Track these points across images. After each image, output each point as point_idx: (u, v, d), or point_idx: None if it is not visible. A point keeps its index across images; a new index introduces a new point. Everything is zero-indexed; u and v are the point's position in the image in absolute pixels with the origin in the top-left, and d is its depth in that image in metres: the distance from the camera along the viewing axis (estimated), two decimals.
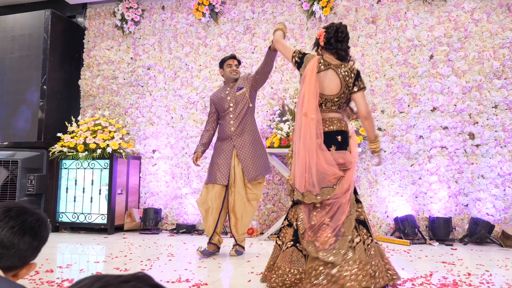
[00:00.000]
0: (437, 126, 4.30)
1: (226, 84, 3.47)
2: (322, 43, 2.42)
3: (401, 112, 4.41)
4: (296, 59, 2.46)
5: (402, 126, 4.38)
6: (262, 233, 4.41)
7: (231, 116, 3.34)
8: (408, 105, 4.39)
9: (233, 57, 3.46)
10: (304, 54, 2.45)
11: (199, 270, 2.80)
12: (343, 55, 2.39)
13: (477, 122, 4.20)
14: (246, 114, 3.36)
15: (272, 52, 3.16)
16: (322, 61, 2.37)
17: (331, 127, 2.36)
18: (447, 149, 4.26)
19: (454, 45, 4.31)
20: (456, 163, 4.22)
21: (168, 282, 2.45)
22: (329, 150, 2.32)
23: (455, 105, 4.26)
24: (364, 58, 4.55)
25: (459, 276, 2.64)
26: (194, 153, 3.44)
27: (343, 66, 2.37)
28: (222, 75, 3.51)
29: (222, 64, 3.46)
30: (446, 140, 4.26)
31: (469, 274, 2.70)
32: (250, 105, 3.37)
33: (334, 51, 2.38)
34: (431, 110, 4.33)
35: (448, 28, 4.34)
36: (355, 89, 2.38)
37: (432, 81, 4.33)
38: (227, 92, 3.41)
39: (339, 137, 2.36)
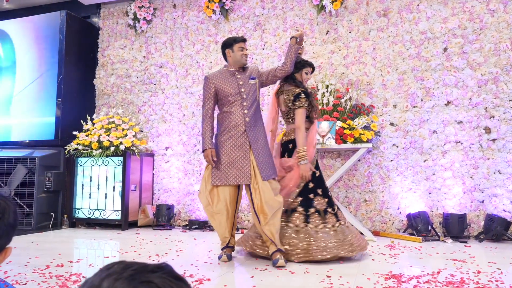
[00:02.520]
0: (451, 121, 4.19)
1: (233, 68, 3.01)
2: None
3: (414, 107, 4.32)
4: None
5: (415, 121, 4.29)
6: None
7: (245, 104, 2.91)
8: (421, 99, 4.30)
9: (245, 40, 3.04)
10: None
11: (205, 265, 2.83)
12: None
13: (493, 116, 4.07)
14: (257, 107, 3.02)
15: (294, 45, 3.04)
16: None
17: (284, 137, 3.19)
18: (461, 144, 4.15)
19: (469, 37, 4.19)
20: (471, 158, 4.11)
21: None
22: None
23: (470, 98, 4.15)
24: (376, 52, 4.47)
25: (468, 274, 2.58)
26: (205, 150, 2.90)
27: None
28: (228, 57, 3.01)
29: (231, 44, 2.97)
30: (460, 134, 4.15)
31: (478, 272, 2.63)
32: (258, 99, 3.06)
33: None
34: (445, 104, 4.23)
35: (463, 19, 4.22)
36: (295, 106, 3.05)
37: (446, 74, 4.23)
38: (238, 76, 2.96)
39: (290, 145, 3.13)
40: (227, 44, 3.00)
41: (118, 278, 0.54)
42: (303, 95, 3.02)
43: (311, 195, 3.05)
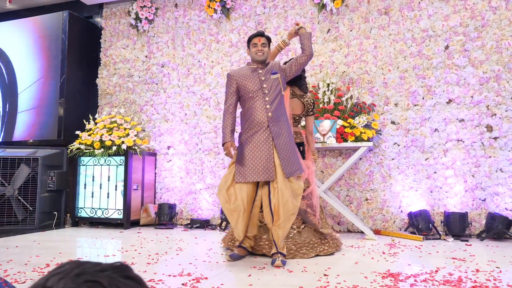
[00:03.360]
0: (453, 119, 4.17)
1: (255, 65, 2.99)
2: None
3: (415, 105, 4.30)
4: None
5: (416, 119, 4.27)
6: None
7: (267, 99, 2.88)
8: (423, 98, 4.28)
9: (260, 34, 2.96)
10: None
11: (203, 264, 2.84)
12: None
13: (495, 114, 4.04)
14: (281, 101, 2.94)
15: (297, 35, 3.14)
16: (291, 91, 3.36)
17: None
18: (463, 142, 4.13)
19: (470, 34, 4.16)
20: (473, 156, 4.08)
21: (170, 275, 2.50)
22: None
23: (471, 96, 4.12)
24: (377, 51, 4.46)
25: (466, 272, 2.57)
26: (225, 143, 2.87)
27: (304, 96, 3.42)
28: (248, 55, 3.04)
29: (248, 42, 3.00)
30: (462, 133, 4.13)
31: (477, 270, 2.62)
32: (283, 93, 2.98)
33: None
34: (446, 102, 4.21)
35: (464, 17, 4.19)
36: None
37: (447, 72, 4.20)
38: (260, 71, 2.95)
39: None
40: (247, 42, 3.03)
41: (63, 277, 0.53)
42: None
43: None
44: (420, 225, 3.95)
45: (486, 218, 3.94)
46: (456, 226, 3.92)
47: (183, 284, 2.30)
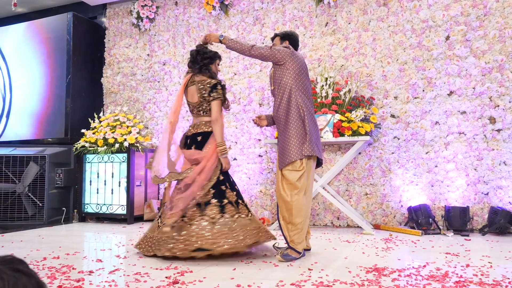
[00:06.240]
0: (454, 111, 4.08)
1: None
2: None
3: (415, 98, 4.22)
4: None
5: (416, 112, 4.19)
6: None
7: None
8: (423, 90, 4.19)
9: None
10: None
11: (192, 259, 2.88)
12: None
13: (498, 106, 3.93)
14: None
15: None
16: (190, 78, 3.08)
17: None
18: (465, 135, 4.03)
19: (472, 23, 4.05)
20: (475, 149, 3.98)
21: (157, 269, 2.55)
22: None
23: (473, 88, 4.01)
24: (376, 43, 4.39)
25: (455, 267, 2.52)
26: None
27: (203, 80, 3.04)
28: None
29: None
30: (464, 125, 4.03)
31: (467, 265, 2.57)
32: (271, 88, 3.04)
33: (196, 67, 3.09)
34: (447, 94, 4.11)
35: (466, 6, 4.08)
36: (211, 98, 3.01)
37: (448, 63, 4.10)
38: None
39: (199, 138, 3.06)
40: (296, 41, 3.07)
41: None
42: (219, 86, 3.01)
43: (223, 187, 2.96)
44: (419, 219, 3.89)
45: (488, 213, 3.84)
46: (457, 220, 3.85)
47: (166, 277, 2.35)
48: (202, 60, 3.08)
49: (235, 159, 4.89)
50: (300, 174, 2.75)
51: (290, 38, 3.04)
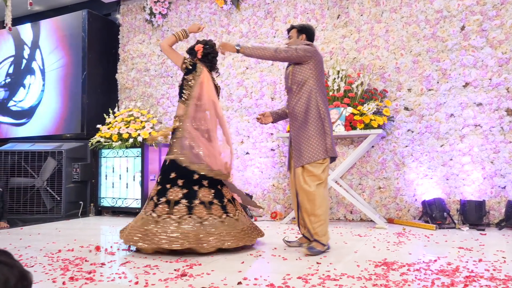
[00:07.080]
0: (470, 103, 3.98)
1: None
2: (199, 56, 3.08)
3: (429, 90, 4.14)
4: (188, 65, 3.01)
5: (430, 104, 4.11)
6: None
7: None
8: (437, 82, 4.11)
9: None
10: (195, 63, 3.04)
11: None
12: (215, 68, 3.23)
13: None
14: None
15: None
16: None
17: None
18: (481, 127, 3.94)
19: (488, 13, 3.93)
20: (491, 142, 3.89)
21: (167, 262, 2.59)
22: None
23: (490, 79, 3.91)
24: (389, 35, 4.32)
25: (467, 262, 2.48)
26: None
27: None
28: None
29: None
30: (480, 117, 3.94)
31: (480, 260, 2.52)
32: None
33: (209, 64, 3.14)
34: (463, 86, 4.02)
35: None
36: None
37: (463, 54, 4.01)
38: None
39: None
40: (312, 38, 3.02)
41: None
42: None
43: (196, 187, 2.89)
44: (434, 213, 3.83)
45: (505, 206, 3.75)
46: (472, 214, 3.77)
47: (175, 270, 2.38)
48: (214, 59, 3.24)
49: (247, 153, 4.91)
50: (324, 167, 2.77)
51: (308, 32, 2.99)
